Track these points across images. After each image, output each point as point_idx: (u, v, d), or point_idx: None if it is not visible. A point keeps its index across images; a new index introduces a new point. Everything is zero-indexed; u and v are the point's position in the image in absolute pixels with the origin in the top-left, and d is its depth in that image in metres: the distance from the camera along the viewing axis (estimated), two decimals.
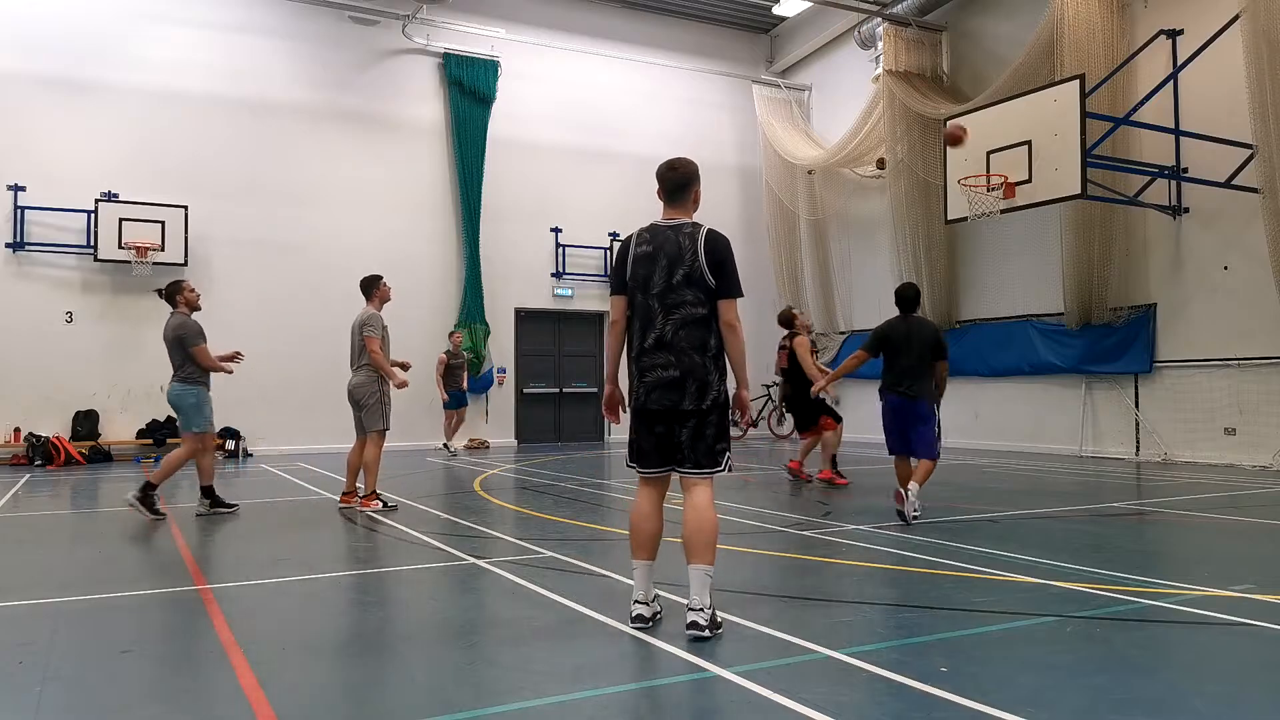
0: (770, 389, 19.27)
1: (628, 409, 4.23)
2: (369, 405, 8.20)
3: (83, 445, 13.78)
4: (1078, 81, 10.67)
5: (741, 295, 4.05)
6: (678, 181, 4.25)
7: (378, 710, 3.12)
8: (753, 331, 20.93)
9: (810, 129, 18.98)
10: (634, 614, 4.00)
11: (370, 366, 8.23)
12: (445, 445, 15.35)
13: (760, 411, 19.22)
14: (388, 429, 8.30)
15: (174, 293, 8.20)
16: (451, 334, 15.79)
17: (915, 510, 6.97)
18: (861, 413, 17.83)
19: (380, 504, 8.10)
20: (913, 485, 7.04)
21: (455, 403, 15.18)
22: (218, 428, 14.80)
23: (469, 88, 16.88)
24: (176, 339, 8.08)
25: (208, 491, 8.01)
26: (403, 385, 8.32)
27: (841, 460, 11.05)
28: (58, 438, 13.60)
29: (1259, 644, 3.80)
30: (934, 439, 7.31)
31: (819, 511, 7.82)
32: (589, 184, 18.16)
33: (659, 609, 4.08)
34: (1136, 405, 12.77)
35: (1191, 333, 12.08)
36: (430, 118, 16.90)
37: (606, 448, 16.64)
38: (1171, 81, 11.67)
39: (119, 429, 14.36)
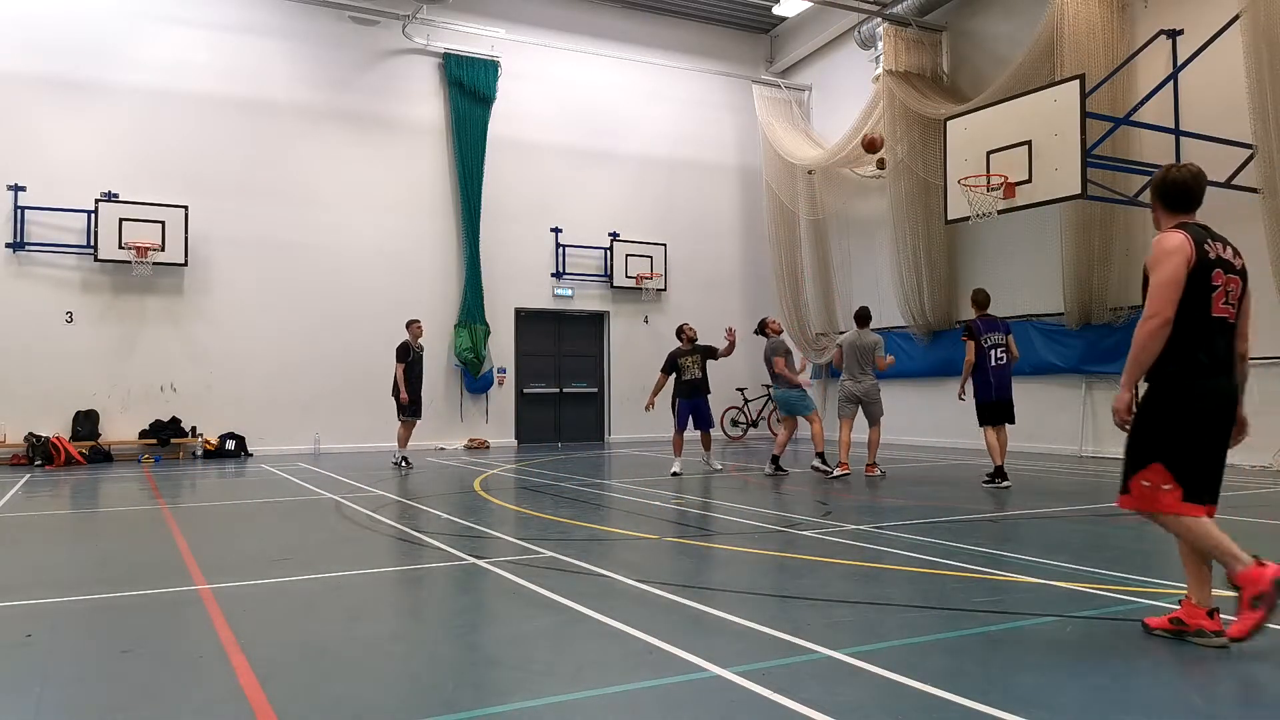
0: (770, 389, 19.26)
1: None
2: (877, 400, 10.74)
3: (83, 445, 13.78)
4: (1078, 81, 10.67)
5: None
6: None
7: (378, 710, 3.12)
8: (746, 334, 20.69)
9: (810, 129, 18.98)
10: None
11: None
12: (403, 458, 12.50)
13: (760, 411, 19.23)
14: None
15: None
16: (410, 323, 12.81)
17: None
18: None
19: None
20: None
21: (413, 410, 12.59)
22: (218, 427, 14.88)
23: (469, 88, 16.88)
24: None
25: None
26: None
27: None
28: (58, 438, 13.60)
29: (1258, 644, 3.80)
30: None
31: (819, 511, 7.81)
32: (589, 184, 18.17)
33: None
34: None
35: None
36: (430, 118, 16.90)
37: (606, 448, 16.66)
38: (1171, 81, 11.67)
39: (119, 429, 14.36)
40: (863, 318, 11.02)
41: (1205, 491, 3.72)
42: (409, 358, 12.47)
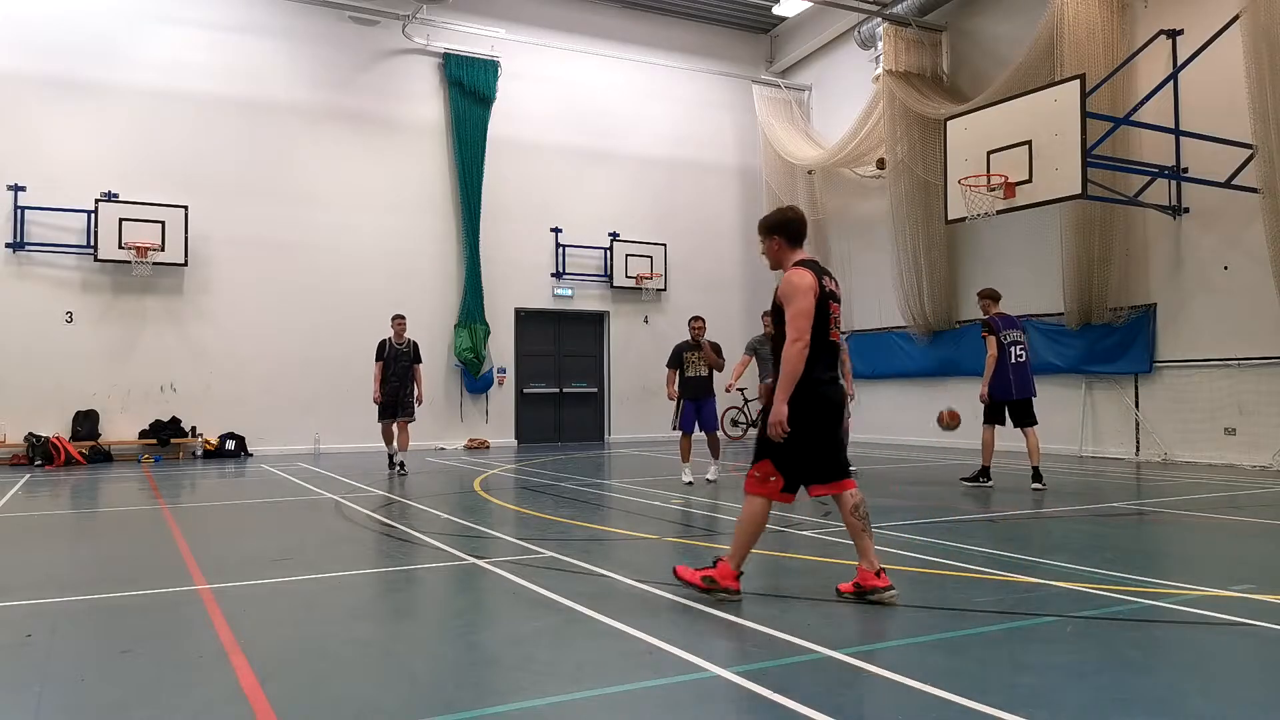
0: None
1: None
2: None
3: (83, 445, 13.78)
4: (1078, 81, 10.67)
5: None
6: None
7: (378, 710, 3.12)
8: (751, 333, 20.72)
9: (810, 129, 18.98)
10: None
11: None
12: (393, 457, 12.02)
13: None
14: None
15: None
16: (393, 319, 12.13)
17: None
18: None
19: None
20: None
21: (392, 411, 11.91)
22: (218, 427, 14.87)
23: (469, 88, 16.88)
24: None
25: None
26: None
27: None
28: (57, 438, 13.59)
29: (1259, 644, 3.81)
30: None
31: (819, 511, 7.81)
32: (589, 184, 18.17)
33: None
34: (1136, 405, 12.77)
35: (1191, 333, 12.09)
36: (430, 118, 16.90)
37: (606, 448, 16.66)
38: (1171, 81, 11.67)
39: (119, 429, 14.36)
40: None
41: (807, 479, 4.60)
42: (384, 355, 11.71)
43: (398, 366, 11.63)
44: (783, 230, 4.80)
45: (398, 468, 11.72)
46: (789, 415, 4.39)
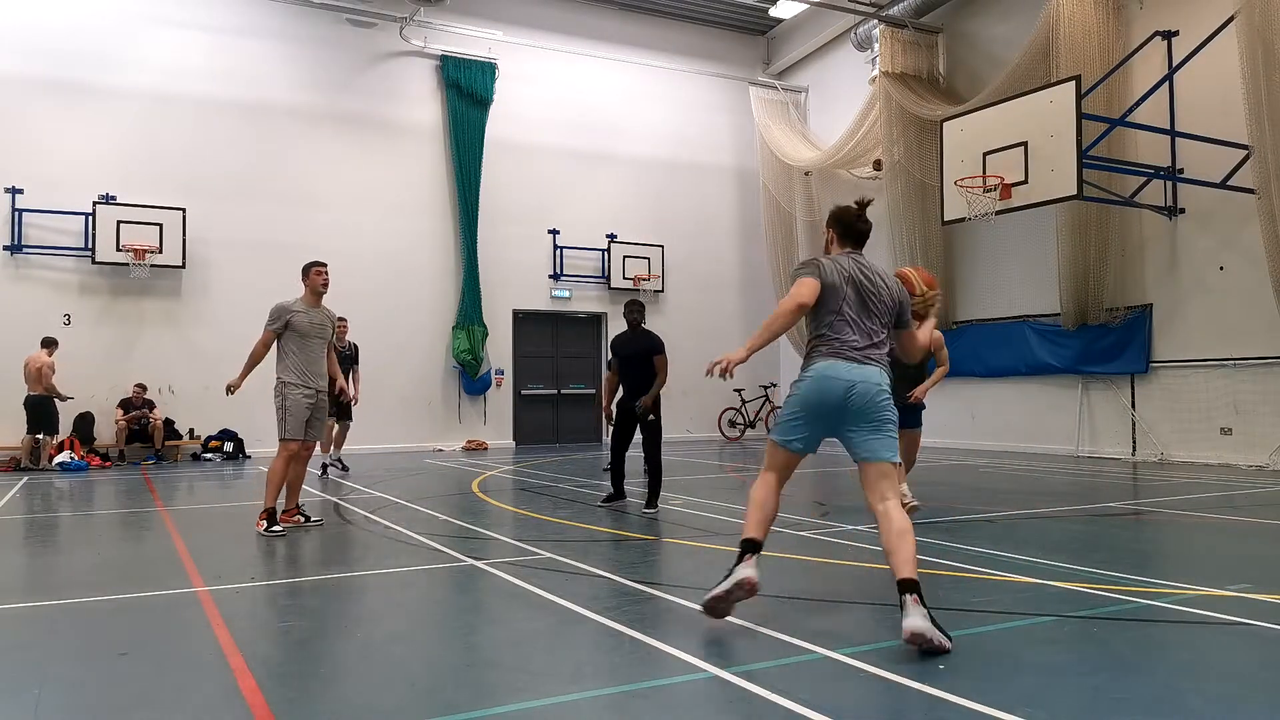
0: (768, 389, 19.29)
1: None
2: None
3: (80, 447, 13.74)
4: (1074, 83, 10.70)
5: None
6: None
7: (377, 712, 3.12)
8: (749, 332, 20.61)
9: (807, 130, 19.01)
10: None
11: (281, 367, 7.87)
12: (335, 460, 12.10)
13: (759, 412, 19.24)
14: (287, 438, 7.60)
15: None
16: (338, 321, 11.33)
17: None
18: None
19: (265, 524, 7.01)
20: None
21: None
22: (215, 429, 14.85)
23: (466, 90, 16.89)
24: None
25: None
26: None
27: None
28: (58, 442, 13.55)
29: (1256, 644, 3.82)
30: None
31: (817, 511, 7.82)
32: (586, 186, 18.17)
33: None
34: (1133, 405, 12.79)
35: (1187, 333, 12.12)
36: (428, 120, 16.90)
37: (604, 449, 16.64)
38: (1167, 83, 11.71)
39: (116, 431, 14.32)
40: None
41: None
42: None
43: (347, 367, 11.59)
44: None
45: (336, 465, 11.83)
46: None
